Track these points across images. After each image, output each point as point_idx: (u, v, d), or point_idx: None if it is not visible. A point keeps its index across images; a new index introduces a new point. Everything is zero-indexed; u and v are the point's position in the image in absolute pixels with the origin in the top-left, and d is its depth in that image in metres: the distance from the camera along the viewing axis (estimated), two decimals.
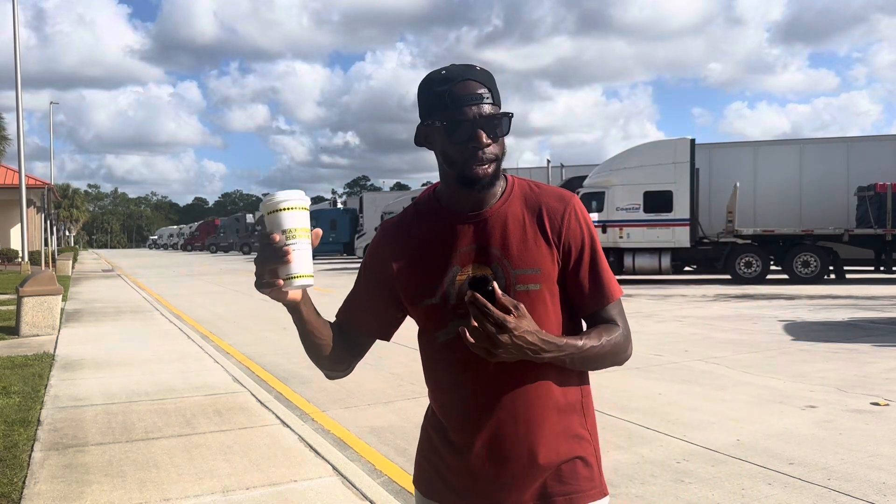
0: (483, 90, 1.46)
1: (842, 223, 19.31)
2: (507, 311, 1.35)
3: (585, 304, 1.54)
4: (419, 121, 1.53)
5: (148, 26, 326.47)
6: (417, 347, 1.61)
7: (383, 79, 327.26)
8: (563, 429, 1.52)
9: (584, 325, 1.57)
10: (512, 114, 1.50)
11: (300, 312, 1.48)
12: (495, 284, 1.37)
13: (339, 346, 1.58)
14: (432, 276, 1.52)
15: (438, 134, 1.49)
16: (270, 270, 1.37)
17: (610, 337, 1.50)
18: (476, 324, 1.34)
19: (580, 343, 1.46)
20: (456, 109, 1.45)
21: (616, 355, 1.53)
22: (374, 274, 1.60)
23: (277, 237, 1.36)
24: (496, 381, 1.49)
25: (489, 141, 1.45)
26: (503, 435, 1.49)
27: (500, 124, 1.48)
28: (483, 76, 1.49)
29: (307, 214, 1.39)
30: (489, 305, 1.33)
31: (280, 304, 1.44)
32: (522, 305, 1.38)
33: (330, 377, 1.67)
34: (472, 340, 1.35)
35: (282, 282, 1.37)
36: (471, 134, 1.45)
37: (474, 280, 1.42)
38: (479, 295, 1.34)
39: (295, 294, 1.43)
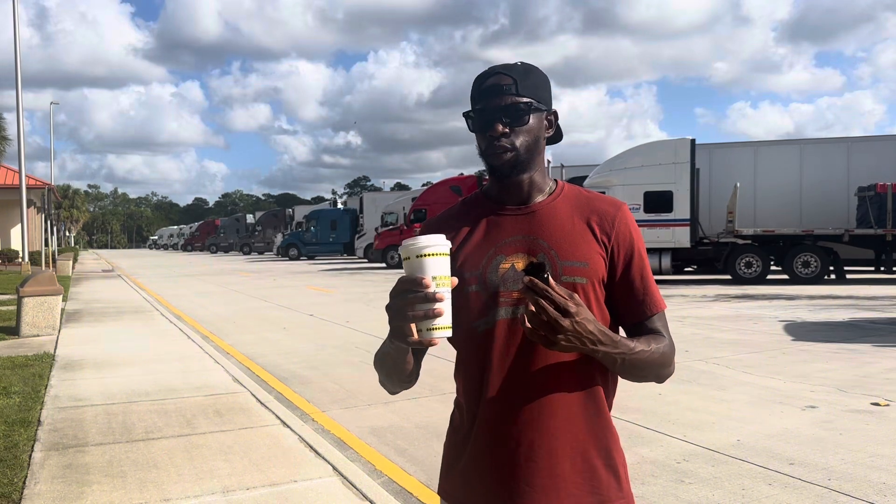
0: (508, 81, 1.46)
1: (842, 223, 19.30)
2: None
3: (633, 311, 1.50)
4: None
5: (151, 25, 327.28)
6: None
7: (386, 78, 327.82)
8: (591, 431, 1.46)
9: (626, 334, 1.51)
10: (531, 102, 1.47)
11: (412, 353, 1.44)
12: (549, 273, 1.28)
13: (411, 359, 1.50)
14: (476, 264, 1.49)
15: (471, 126, 1.51)
16: (414, 320, 1.26)
17: (658, 346, 1.45)
18: (534, 309, 1.27)
19: (632, 344, 1.40)
20: (478, 102, 1.48)
21: (662, 367, 1.48)
22: None
23: (428, 282, 1.25)
24: (532, 373, 1.43)
25: (505, 130, 1.45)
26: (532, 428, 1.43)
27: (518, 114, 1.46)
28: (516, 70, 1.48)
29: (449, 260, 1.29)
30: (551, 289, 1.25)
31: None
32: (577, 295, 1.31)
33: (395, 393, 1.62)
34: (529, 326, 1.29)
35: (418, 335, 1.27)
36: (486, 123, 1.46)
37: (530, 266, 1.32)
38: (537, 280, 1.26)
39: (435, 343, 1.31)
